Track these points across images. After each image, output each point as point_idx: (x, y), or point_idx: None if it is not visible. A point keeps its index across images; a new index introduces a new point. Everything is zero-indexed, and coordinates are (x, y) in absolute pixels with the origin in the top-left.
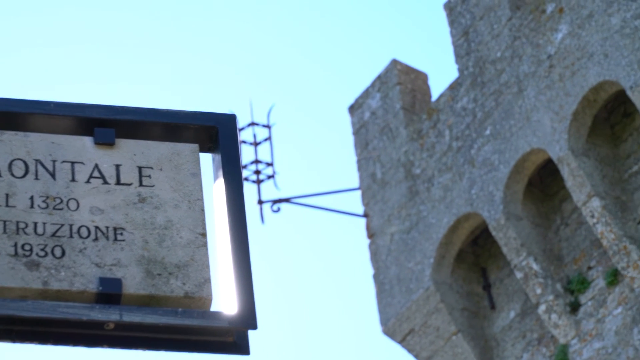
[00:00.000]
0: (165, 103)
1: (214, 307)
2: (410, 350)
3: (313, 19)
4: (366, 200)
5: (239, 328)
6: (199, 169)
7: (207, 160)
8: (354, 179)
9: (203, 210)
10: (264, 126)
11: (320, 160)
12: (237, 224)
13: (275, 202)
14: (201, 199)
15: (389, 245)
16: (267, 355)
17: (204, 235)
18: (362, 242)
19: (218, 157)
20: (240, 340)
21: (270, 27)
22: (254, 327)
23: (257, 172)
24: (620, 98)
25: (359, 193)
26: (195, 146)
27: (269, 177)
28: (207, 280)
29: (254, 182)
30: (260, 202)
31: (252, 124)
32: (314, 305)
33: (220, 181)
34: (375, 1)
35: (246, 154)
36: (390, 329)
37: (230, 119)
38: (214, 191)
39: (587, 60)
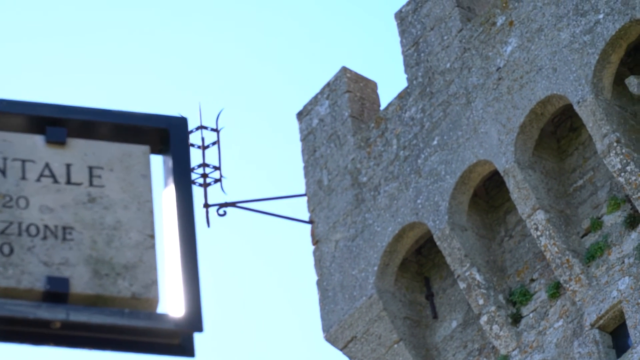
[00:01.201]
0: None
1: (160, 309)
2: (351, 358)
3: (264, 25)
4: (312, 206)
5: (185, 330)
6: (149, 171)
7: (157, 162)
8: (301, 185)
9: (152, 212)
10: (213, 130)
11: (267, 165)
12: (185, 227)
13: (221, 205)
14: (150, 201)
15: (334, 252)
16: (212, 358)
17: (152, 237)
18: (307, 248)
19: (168, 159)
20: (186, 342)
21: (221, 31)
22: (200, 329)
23: (204, 176)
24: (567, 112)
25: (305, 199)
26: (146, 148)
27: (216, 180)
28: (155, 282)
29: (200, 185)
30: (206, 205)
31: (201, 127)
32: (258, 310)
33: (170, 184)
34: (327, 9)
35: (194, 157)
36: (333, 335)
37: (182, 122)
38: (164, 193)
39: (536, 73)
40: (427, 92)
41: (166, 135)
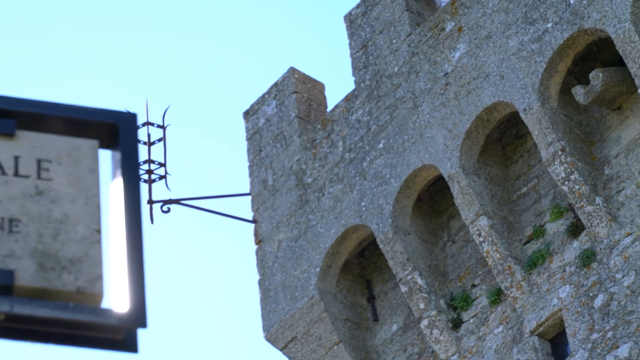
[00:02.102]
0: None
1: (105, 304)
2: (291, 358)
3: (213, 23)
4: (256, 206)
5: (129, 326)
6: (98, 166)
7: (105, 157)
8: (245, 184)
9: (99, 206)
10: (159, 126)
11: (213, 163)
12: (132, 223)
13: (165, 202)
14: (98, 196)
15: (276, 252)
16: (155, 354)
17: (98, 231)
18: (250, 247)
19: (117, 154)
20: (130, 338)
21: (171, 28)
22: (144, 325)
23: (149, 172)
24: (513, 119)
25: (249, 198)
26: (95, 142)
27: (161, 177)
28: (100, 277)
29: (145, 181)
30: (150, 202)
31: (147, 123)
32: (200, 308)
33: (118, 179)
34: (276, 9)
35: (139, 153)
36: (273, 335)
37: (131, 117)
38: (111, 188)
39: (483, 80)
40: (375, 95)
41: (115, 130)
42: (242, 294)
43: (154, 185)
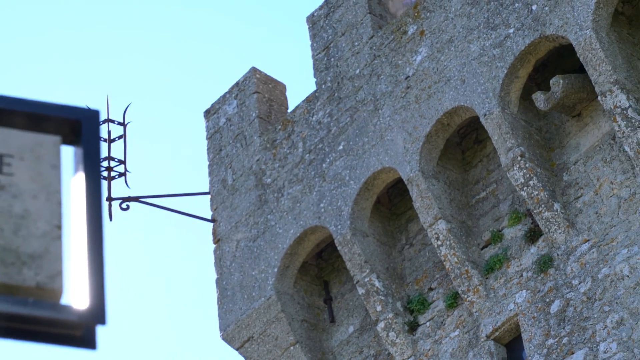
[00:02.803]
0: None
1: (64, 300)
2: (247, 358)
3: (175, 21)
4: (215, 205)
5: (88, 322)
6: (60, 162)
7: (67, 153)
8: (205, 183)
9: (60, 202)
10: (119, 124)
11: (173, 162)
12: (93, 220)
13: (124, 200)
14: (59, 192)
15: (235, 251)
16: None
17: (59, 227)
18: (209, 246)
19: (79, 151)
20: (89, 334)
21: (133, 26)
22: (103, 322)
23: (109, 169)
24: (473, 124)
25: (208, 197)
26: (58, 138)
27: (120, 174)
28: (60, 273)
29: (104, 178)
30: (109, 199)
31: (108, 120)
32: (158, 306)
33: (80, 175)
34: (239, 9)
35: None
36: (229, 335)
37: (94, 114)
38: (72, 184)
39: (444, 84)
40: (335, 97)
41: (78, 126)
42: (199, 293)
43: (113, 182)
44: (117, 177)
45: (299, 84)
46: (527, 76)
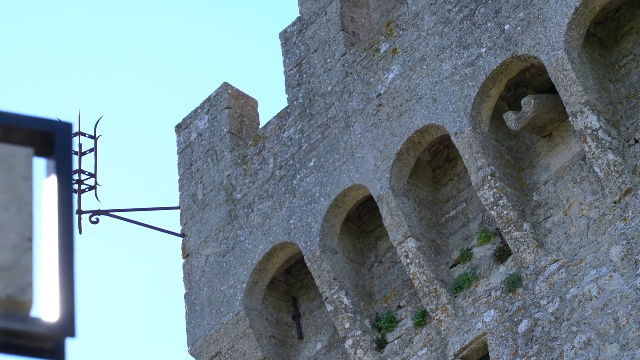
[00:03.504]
0: None
1: (34, 313)
2: None
3: (148, 35)
4: (185, 220)
5: (58, 335)
6: (32, 173)
7: (39, 165)
8: (176, 198)
9: (32, 214)
10: (90, 137)
11: (144, 176)
12: (64, 232)
13: (94, 213)
14: (31, 203)
15: (204, 266)
16: None
17: (30, 239)
18: (178, 261)
19: (51, 163)
20: (58, 347)
21: (105, 39)
22: (73, 335)
23: (79, 182)
24: (444, 142)
25: (178, 212)
26: (30, 150)
27: (91, 187)
28: (30, 285)
29: (74, 191)
30: (79, 212)
31: (79, 133)
32: (127, 319)
33: (52, 188)
34: (212, 24)
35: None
36: (197, 350)
37: (67, 127)
38: (44, 197)
39: (416, 102)
40: (307, 114)
41: (50, 139)
42: (168, 308)
43: (83, 195)
44: (87, 190)
45: (271, 99)
46: (498, 95)
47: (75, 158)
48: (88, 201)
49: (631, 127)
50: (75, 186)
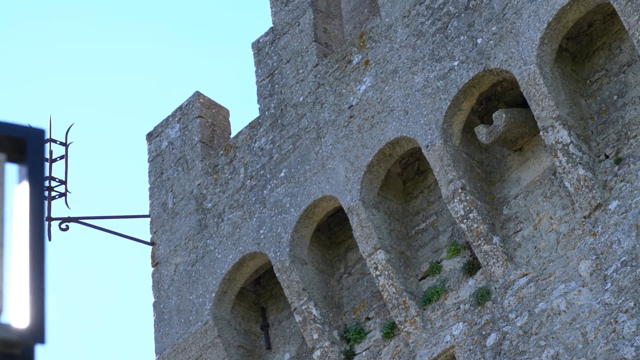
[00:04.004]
0: None
1: (4, 319)
2: None
3: (121, 42)
4: (155, 228)
5: (28, 341)
6: (4, 179)
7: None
8: (146, 206)
9: (3, 220)
10: (61, 144)
11: (115, 183)
12: (35, 239)
13: (64, 220)
14: (2, 209)
15: (173, 275)
16: None
17: (0, 245)
18: (148, 269)
19: (24, 169)
20: (28, 353)
21: (77, 45)
22: (43, 341)
23: (50, 189)
24: (415, 155)
25: (148, 220)
26: (3, 156)
27: (61, 194)
28: (0, 291)
29: (45, 198)
30: (49, 219)
31: (50, 140)
32: (96, 327)
33: (24, 194)
34: (185, 32)
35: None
36: (165, 358)
37: (39, 133)
38: (15, 203)
39: (387, 114)
40: (279, 124)
41: (23, 145)
42: (137, 316)
43: (53, 202)
44: (57, 197)
45: (243, 109)
46: (470, 109)
47: (46, 165)
48: (58, 208)
49: (602, 142)
50: (46, 193)
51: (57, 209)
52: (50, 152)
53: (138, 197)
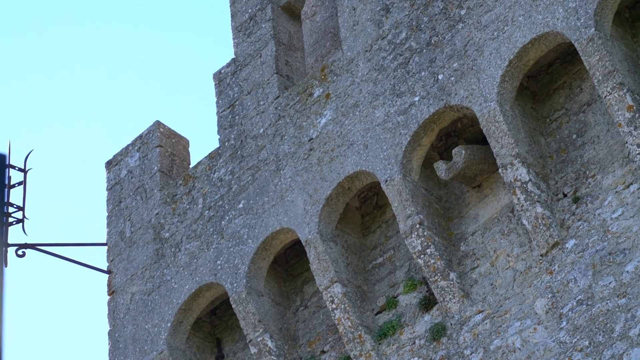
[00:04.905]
0: None
1: None
2: None
3: (82, 70)
4: (112, 256)
5: None
6: None
7: None
8: (104, 234)
9: None
10: (20, 170)
11: (73, 211)
12: None
13: (21, 246)
14: None
15: (129, 304)
16: None
17: None
18: (104, 297)
19: None
20: None
21: (37, 72)
22: None
23: (7, 215)
24: (374, 189)
25: (106, 248)
26: None
27: (18, 221)
28: None
29: (1, 224)
30: (5, 245)
31: (8, 166)
32: (52, 354)
33: None
34: (146, 61)
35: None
36: None
37: (1, 158)
38: None
39: (347, 148)
40: (238, 155)
41: None
42: (92, 344)
43: (10, 228)
44: (14, 223)
45: (203, 140)
46: (430, 144)
47: (4, 190)
48: (15, 234)
49: (560, 181)
50: (3, 219)
51: (14, 235)
52: (9, 177)
53: (96, 225)
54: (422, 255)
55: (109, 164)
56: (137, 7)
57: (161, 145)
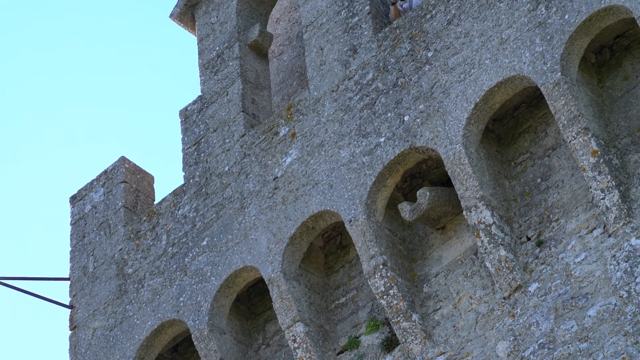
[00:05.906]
0: None
1: None
2: None
3: (48, 105)
4: (74, 291)
5: None
6: None
7: None
8: (67, 269)
9: None
10: None
11: (36, 245)
12: None
13: None
14: None
15: (90, 339)
16: None
17: None
18: (66, 332)
19: None
20: None
21: (5, 106)
22: None
23: None
24: (338, 229)
25: (68, 283)
26: None
27: None
28: None
29: None
30: None
31: None
32: None
33: None
34: (113, 97)
35: None
36: None
37: None
38: None
39: (312, 187)
40: (203, 193)
41: None
42: None
43: None
44: None
45: (168, 176)
46: (394, 186)
47: None
48: None
49: (524, 224)
50: None
51: None
52: None
53: (59, 260)
54: (385, 296)
55: (74, 199)
56: (106, 44)
57: (126, 181)
